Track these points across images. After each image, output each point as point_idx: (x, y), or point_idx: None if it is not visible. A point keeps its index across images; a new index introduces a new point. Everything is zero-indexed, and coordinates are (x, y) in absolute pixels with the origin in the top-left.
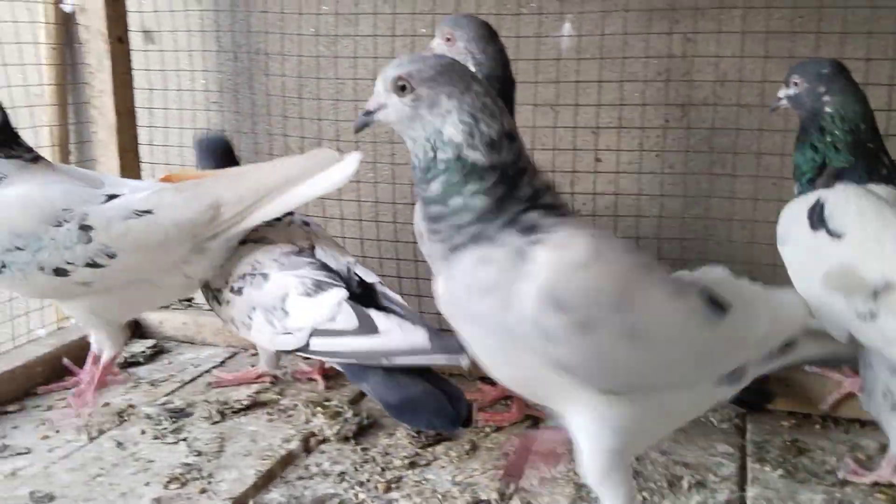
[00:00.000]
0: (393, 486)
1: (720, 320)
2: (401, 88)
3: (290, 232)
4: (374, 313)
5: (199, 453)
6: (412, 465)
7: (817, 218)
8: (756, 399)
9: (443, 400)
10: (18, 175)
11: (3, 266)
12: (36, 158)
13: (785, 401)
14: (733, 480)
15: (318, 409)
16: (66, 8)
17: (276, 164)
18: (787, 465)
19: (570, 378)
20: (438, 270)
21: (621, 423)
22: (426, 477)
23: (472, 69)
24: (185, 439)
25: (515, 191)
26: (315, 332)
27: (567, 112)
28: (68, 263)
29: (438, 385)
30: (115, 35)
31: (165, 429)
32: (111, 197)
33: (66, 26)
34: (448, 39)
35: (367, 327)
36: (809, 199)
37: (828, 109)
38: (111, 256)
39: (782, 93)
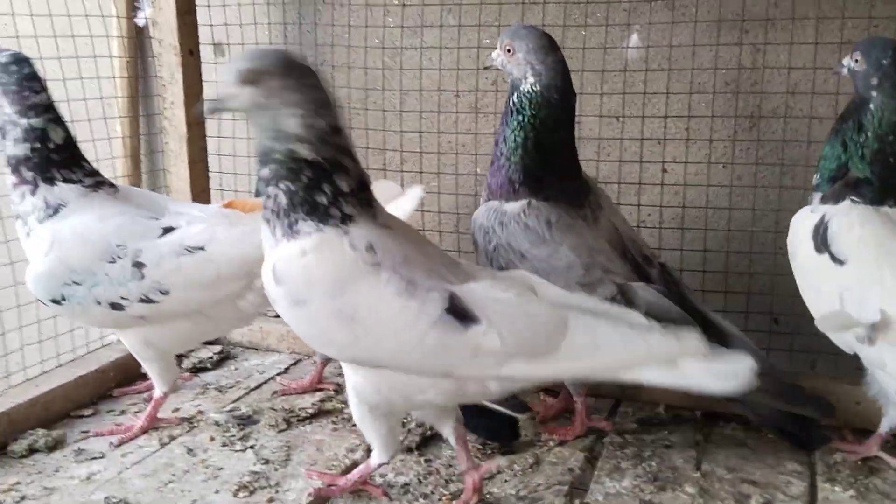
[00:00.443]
0: (457, 498)
1: (460, 329)
2: (250, 81)
3: None
4: None
5: (267, 461)
6: None
7: (821, 239)
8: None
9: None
10: (78, 204)
11: (63, 298)
12: (98, 184)
13: (856, 419)
14: (803, 500)
15: None
16: (139, 22)
17: None
18: (859, 486)
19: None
20: None
21: (362, 387)
22: (490, 491)
23: (531, 80)
24: (252, 447)
25: (315, 194)
26: None
27: (634, 123)
28: (123, 299)
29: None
30: (186, 48)
31: (233, 436)
32: (168, 230)
33: (138, 40)
34: (508, 51)
35: None
36: (816, 214)
37: (872, 106)
38: (164, 293)
39: (846, 62)
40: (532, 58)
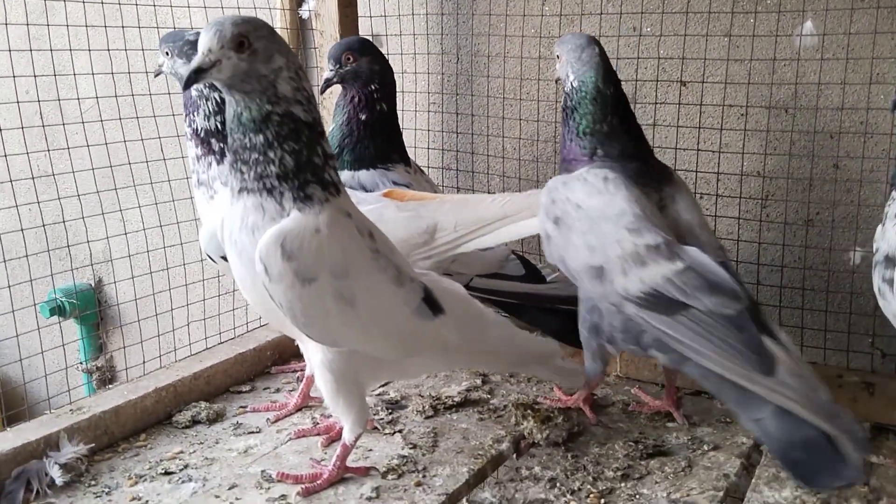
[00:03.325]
0: (605, 496)
1: (430, 318)
2: (239, 45)
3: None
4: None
5: (414, 446)
6: (625, 476)
7: None
8: None
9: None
10: None
11: None
12: None
13: None
14: None
15: (529, 411)
16: (303, 14)
17: (495, 198)
18: None
19: (288, 317)
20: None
21: (337, 367)
22: (640, 491)
23: (572, 77)
24: (400, 431)
25: (314, 156)
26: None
27: (804, 115)
28: None
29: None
30: None
31: (382, 419)
32: None
33: (301, 31)
34: (558, 57)
35: (536, 277)
36: None
37: None
38: None
39: None
40: (571, 57)
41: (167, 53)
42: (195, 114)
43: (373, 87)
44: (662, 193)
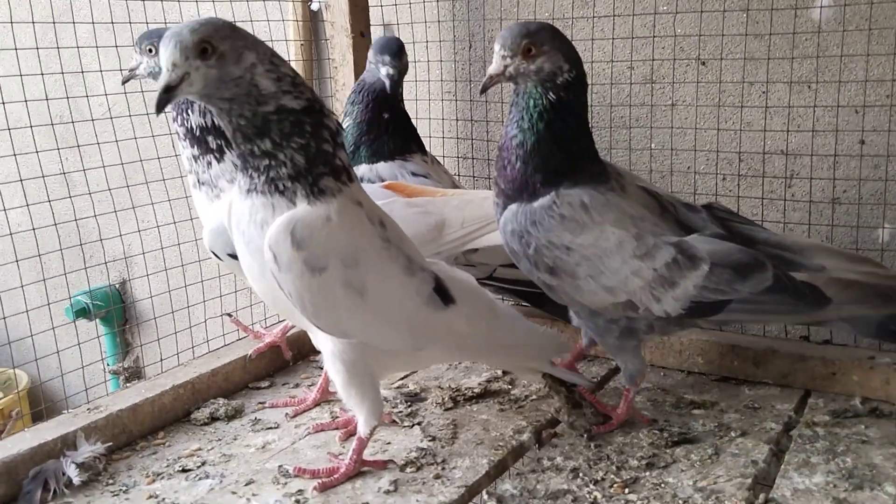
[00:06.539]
0: (629, 486)
1: (441, 308)
2: (202, 52)
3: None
4: None
5: (433, 438)
6: (649, 465)
7: None
8: None
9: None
10: None
11: None
12: None
13: None
14: None
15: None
16: (314, 6)
17: None
18: None
19: (297, 307)
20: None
21: (347, 357)
22: (665, 480)
23: (567, 67)
24: (419, 423)
25: (323, 143)
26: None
27: (828, 90)
28: None
29: None
30: (357, 30)
31: (401, 412)
32: None
33: (313, 23)
34: (529, 50)
35: None
36: None
37: None
38: None
39: None
40: (563, 45)
41: (150, 50)
42: (188, 111)
43: (400, 89)
44: (614, 178)
